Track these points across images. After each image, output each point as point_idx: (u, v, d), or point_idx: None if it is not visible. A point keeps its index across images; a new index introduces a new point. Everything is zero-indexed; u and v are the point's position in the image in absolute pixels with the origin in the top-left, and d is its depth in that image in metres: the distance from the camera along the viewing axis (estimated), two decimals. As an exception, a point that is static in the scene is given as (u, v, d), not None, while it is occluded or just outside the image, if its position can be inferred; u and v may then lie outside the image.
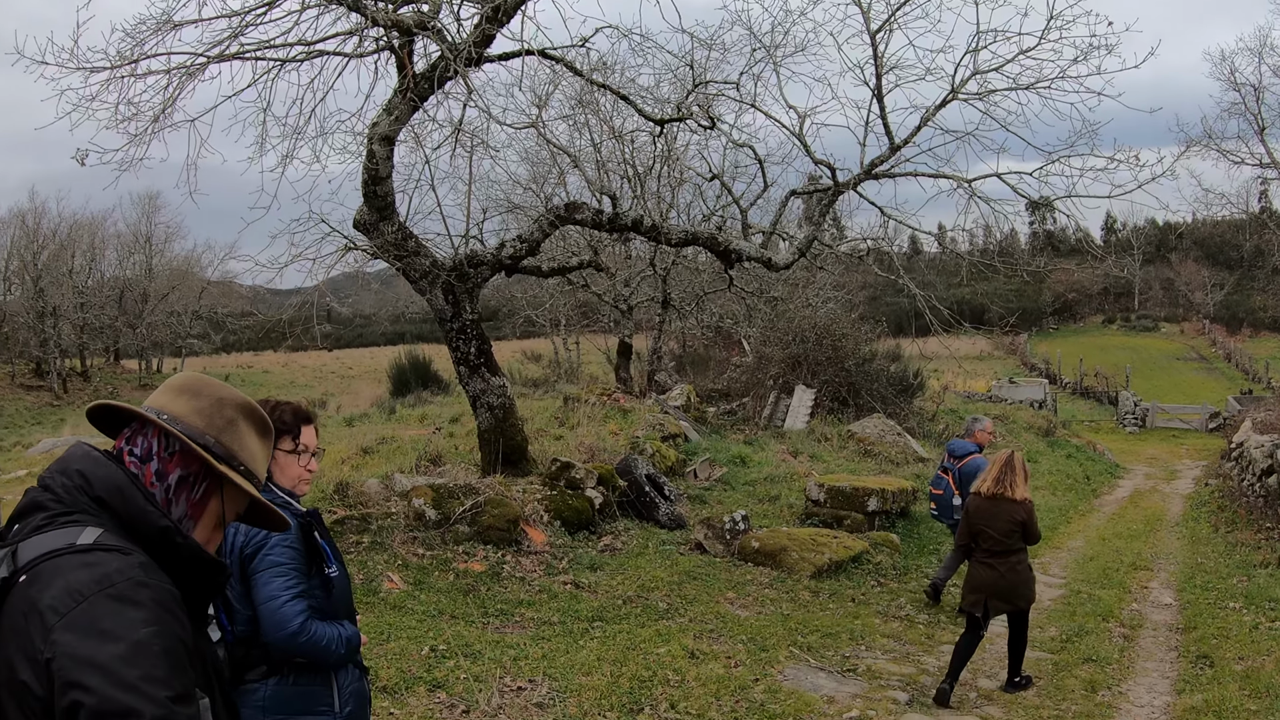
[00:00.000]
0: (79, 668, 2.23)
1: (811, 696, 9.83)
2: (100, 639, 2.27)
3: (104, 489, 2.60)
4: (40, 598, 2.34)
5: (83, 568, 2.39)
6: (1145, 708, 10.37)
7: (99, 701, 2.20)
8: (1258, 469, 22.28)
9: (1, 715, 2.30)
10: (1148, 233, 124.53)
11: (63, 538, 2.47)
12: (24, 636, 2.31)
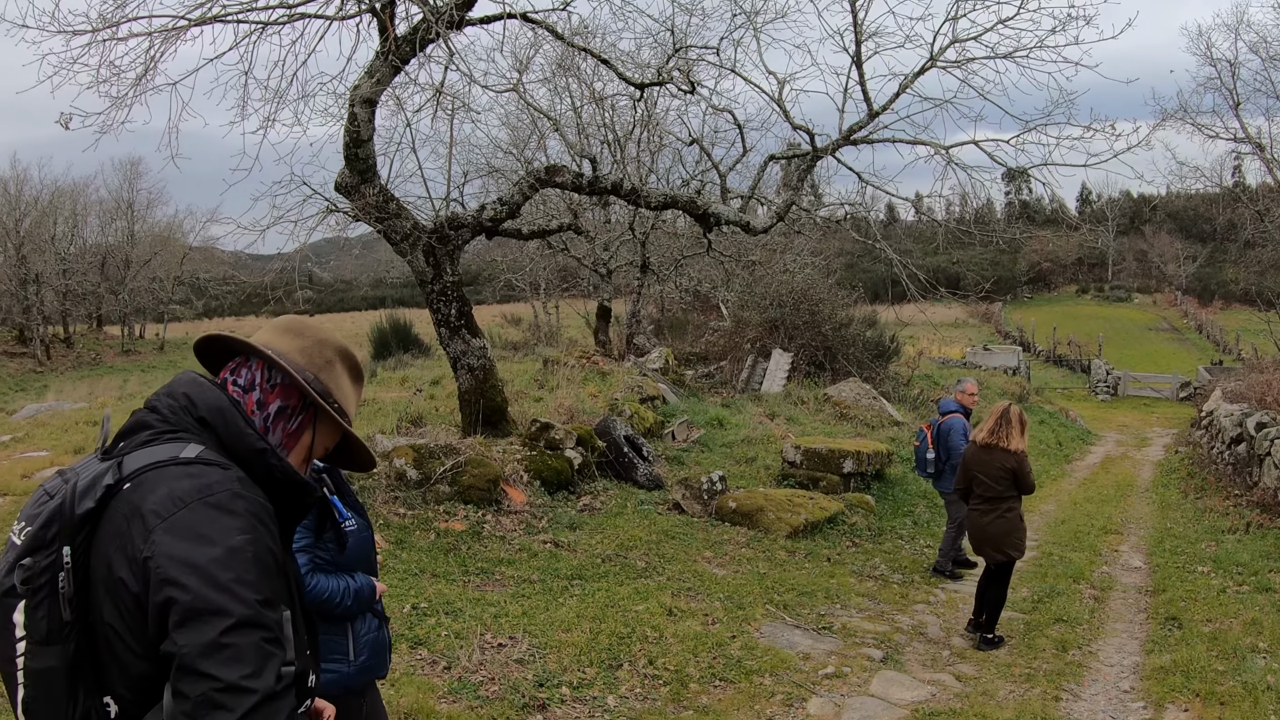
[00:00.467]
0: (176, 567, 2.41)
1: (787, 653, 9.88)
2: (197, 542, 2.46)
3: (207, 410, 2.81)
4: (143, 502, 2.52)
5: (185, 477, 2.58)
6: (1115, 667, 10.45)
7: (193, 599, 2.38)
8: (1227, 437, 22.41)
9: (98, 610, 2.52)
10: (1122, 205, 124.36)
11: (167, 451, 2.67)
12: (124, 537, 2.50)
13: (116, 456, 2.71)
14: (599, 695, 8.29)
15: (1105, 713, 8.97)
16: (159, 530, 2.47)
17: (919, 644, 10.96)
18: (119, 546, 2.51)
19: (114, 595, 2.50)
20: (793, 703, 8.71)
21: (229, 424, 2.80)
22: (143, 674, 2.52)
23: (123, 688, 2.55)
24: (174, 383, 2.91)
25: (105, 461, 2.70)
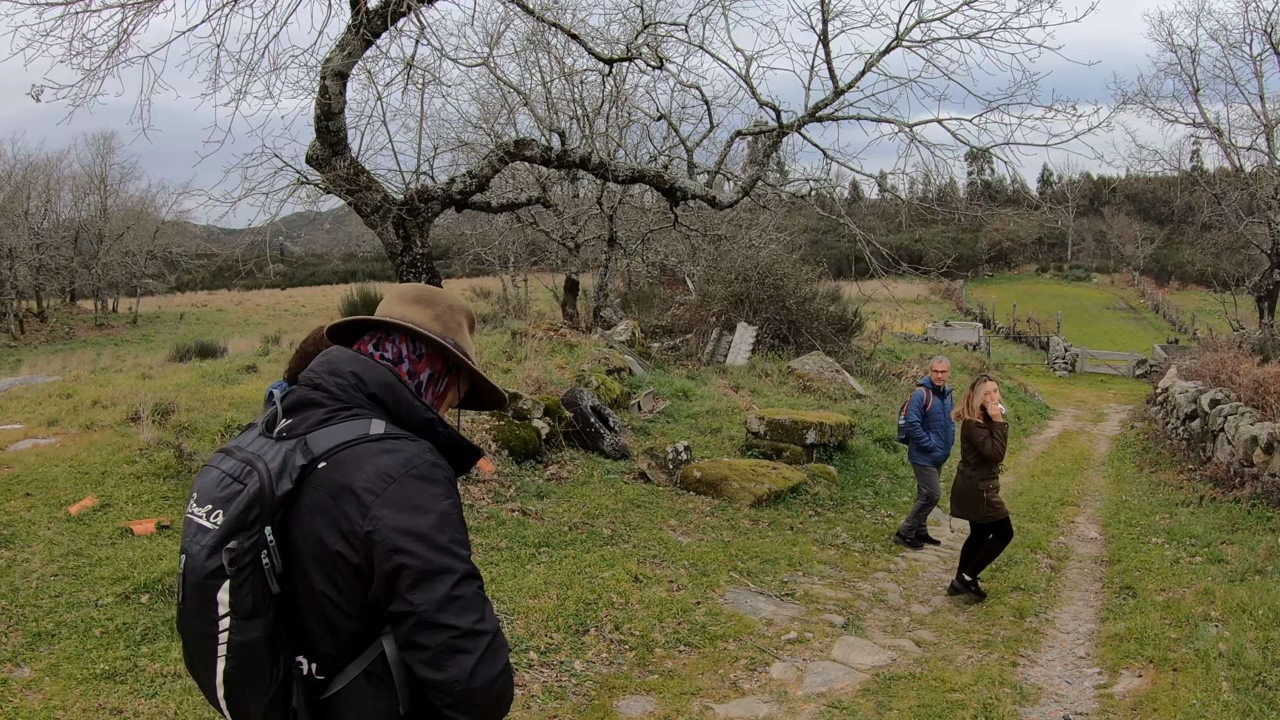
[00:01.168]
0: (400, 537, 2.68)
1: (751, 619, 9.91)
2: (414, 512, 2.72)
3: (377, 386, 2.99)
4: (351, 480, 2.75)
5: (385, 454, 2.80)
6: (1071, 634, 10.53)
7: (421, 563, 2.67)
8: (1181, 413, 22.60)
9: (304, 581, 2.79)
10: (1082, 186, 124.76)
11: (354, 429, 2.86)
12: (334, 514, 2.74)
13: (297, 435, 2.88)
14: (566, 660, 8.31)
15: (1061, 678, 9.03)
16: (376, 505, 2.71)
17: (880, 610, 11.01)
18: (329, 522, 2.74)
19: (327, 567, 2.76)
20: (756, 667, 8.74)
21: (399, 398, 3.01)
22: (354, 633, 2.82)
23: (329, 647, 2.84)
24: (333, 361, 3.06)
25: (283, 441, 2.87)
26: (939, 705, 7.93)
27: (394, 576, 2.68)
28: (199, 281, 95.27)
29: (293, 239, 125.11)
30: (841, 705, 7.93)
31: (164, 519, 10.30)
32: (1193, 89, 44.78)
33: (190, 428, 13.41)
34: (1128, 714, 7.77)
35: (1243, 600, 10.04)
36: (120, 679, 6.94)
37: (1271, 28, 42.48)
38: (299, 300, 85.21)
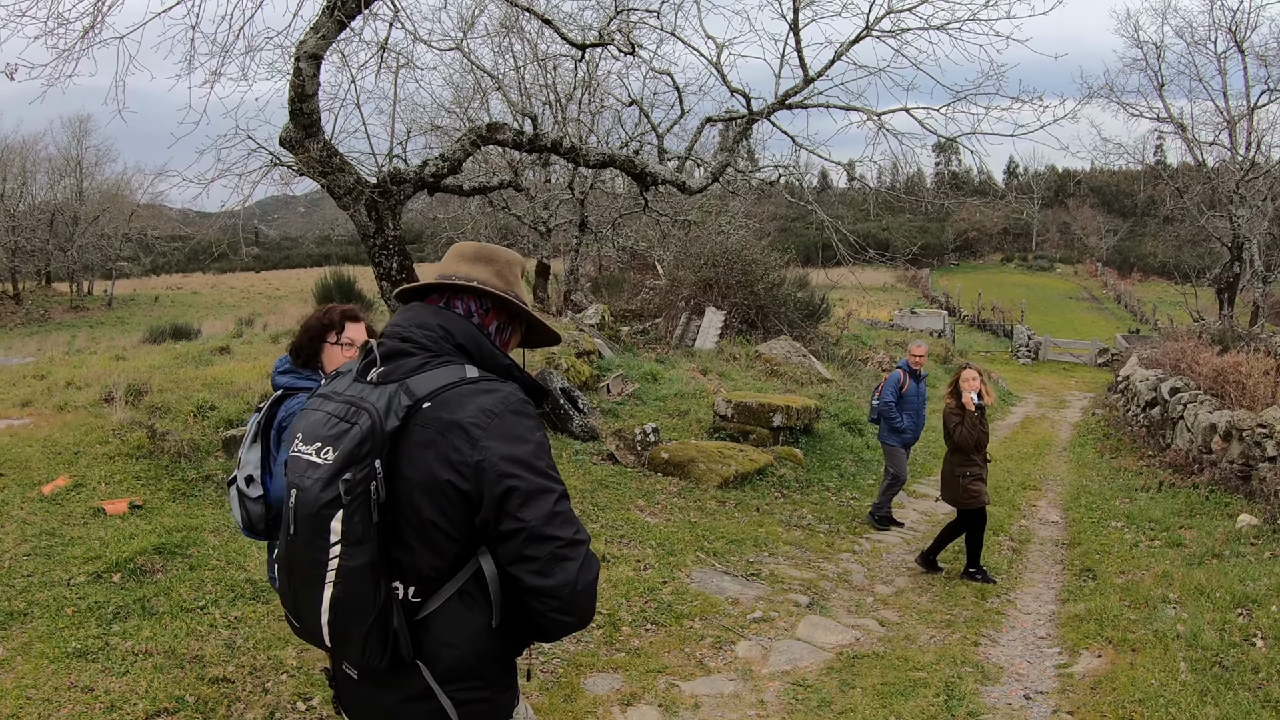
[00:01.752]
0: (507, 464, 3.02)
1: (717, 598, 9.89)
2: (516, 442, 3.08)
3: (464, 338, 3.32)
4: (458, 417, 3.07)
5: (484, 393, 3.15)
6: (1032, 615, 10.54)
7: (528, 485, 3.02)
8: (1142, 401, 22.73)
9: (411, 509, 3.07)
10: (1048, 178, 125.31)
11: (452, 374, 3.19)
12: (443, 447, 3.05)
13: (392, 381, 3.19)
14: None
15: (1022, 657, 9.03)
16: (484, 438, 3.04)
17: (844, 590, 11.01)
18: (438, 455, 3.05)
19: (436, 495, 3.06)
20: (722, 645, 8.72)
21: (481, 347, 3.34)
22: (455, 555, 3.13)
23: (430, 569, 3.12)
24: (418, 315, 3.37)
25: (382, 385, 3.19)
26: (902, 683, 7.92)
27: (504, 498, 3.01)
28: (174, 264, 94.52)
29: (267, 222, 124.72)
30: (806, 683, 7.92)
31: (136, 498, 10.26)
32: (1158, 84, 45.05)
33: (163, 408, 13.33)
34: (1087, 693, 7.77)
35: (1200, 583, 10.07)
36: (92, 657, 6.90)
37: (1236, 26, 42.77)
38: (273, 283, 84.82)
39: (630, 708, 7.21)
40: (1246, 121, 43.74)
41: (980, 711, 7.48)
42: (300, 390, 5.18)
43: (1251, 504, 13.62)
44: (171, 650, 7.07)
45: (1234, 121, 44.11)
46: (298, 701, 6.67)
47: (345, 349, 5.36)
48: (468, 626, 3.14)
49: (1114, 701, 7.36)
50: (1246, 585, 9.70)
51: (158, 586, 8.16)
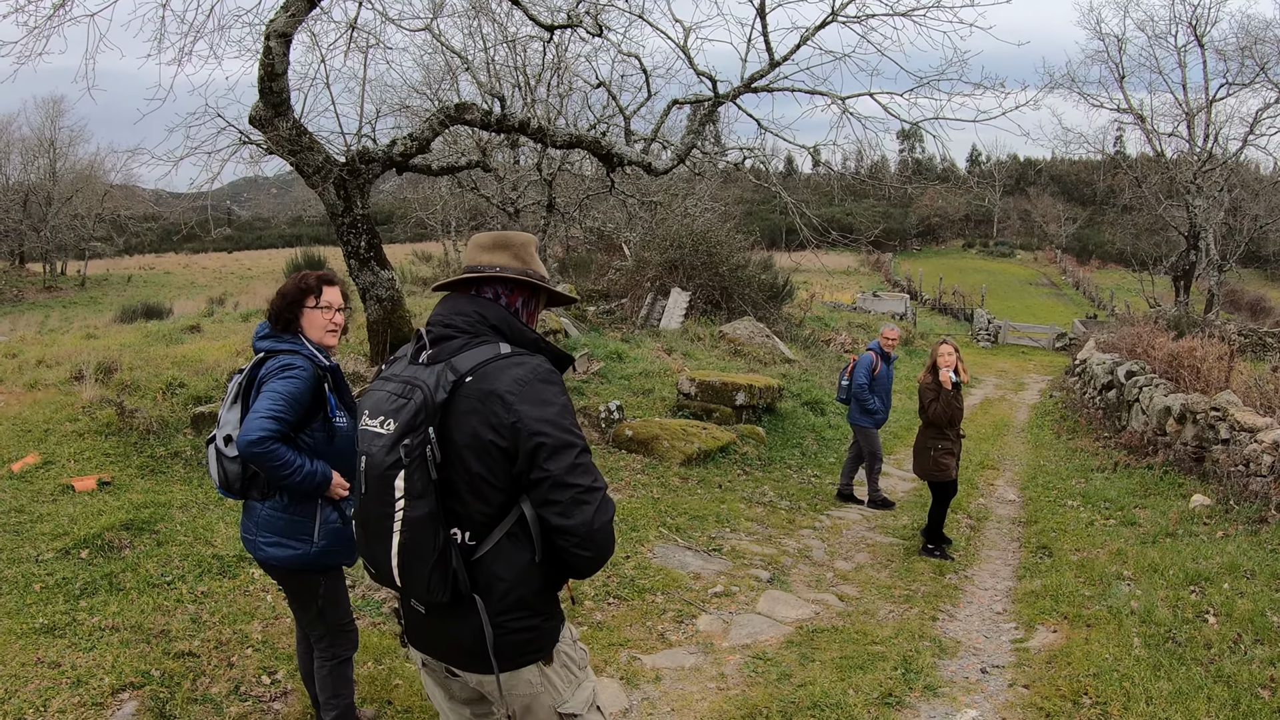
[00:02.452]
0: (537, 423, 3.54)
1: (679, 573, 9.87)
2: (544, 406, 3.60)
3: (496, 320, 3.86)
4: (495, 387, 3.59)
5: (515, 366, 3.67)
6: (989, 591, 10.58)
7: (555, 441, 3.54)
8: (1099, 384, 22.83)
9: (462, 466, 3.59)
10: (1010, 166, 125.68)
11: (488, 352, 3.71)
12: (484, 413, 3.57)
13: (439, 361, 3.72)
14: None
15: (979, 632, 9.05)
16: (518, 404, 3.56)
17: (804, 566, 11.01)
18: (481, 420, 3.57)
19: (481, 453, 3.58)
20: (683, 619, 8.71)
21: (511, 326, 3.89)
22: (500, 503, 3.65)
23: (480, 515, 3.64)
24: (456, 305, 3.91)
25: (432, 365, 3.70)
26: (861, 657, 7.92)
27: (535, 452, 3.53)
28: (147, 244, 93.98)
29: (239, 203, 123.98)
30: (766, 656, 7.91)
31: (105, 475, 10.19)
32: (1119, 76, 45.43)
33: (133, 386, 13.27)
34: (1043, 667, 7.78)
35: (1154, 561, 10.11)
36: (59, 633, 6.85)
37: (1196, 20, 43.16)
38: (245, 264, 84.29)
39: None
40: (1205, 114, 44.22)
41: (937, 684, 7.48)
42: (280, 352, 5.25)
43: (1204, 485, 13.68)
44: (138, 625, 7.01)
45: (1192, 114, 44.50)
46: (262, 675, 6.63)
47: (324, 312, 5.46)
48: (515, 563, 3.68)
49: (1069, 675, 7.37)
50: (1199, 563, 9.75)
51: (125, 562, 8.09)
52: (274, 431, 4.95)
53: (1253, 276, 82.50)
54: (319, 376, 5.26)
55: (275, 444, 4.95)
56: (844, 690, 7.16)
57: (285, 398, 5.06)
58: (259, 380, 5.18)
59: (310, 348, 5.35)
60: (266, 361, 5.23)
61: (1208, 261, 45.19)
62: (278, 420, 4.98)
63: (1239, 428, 13.48)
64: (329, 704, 5.66)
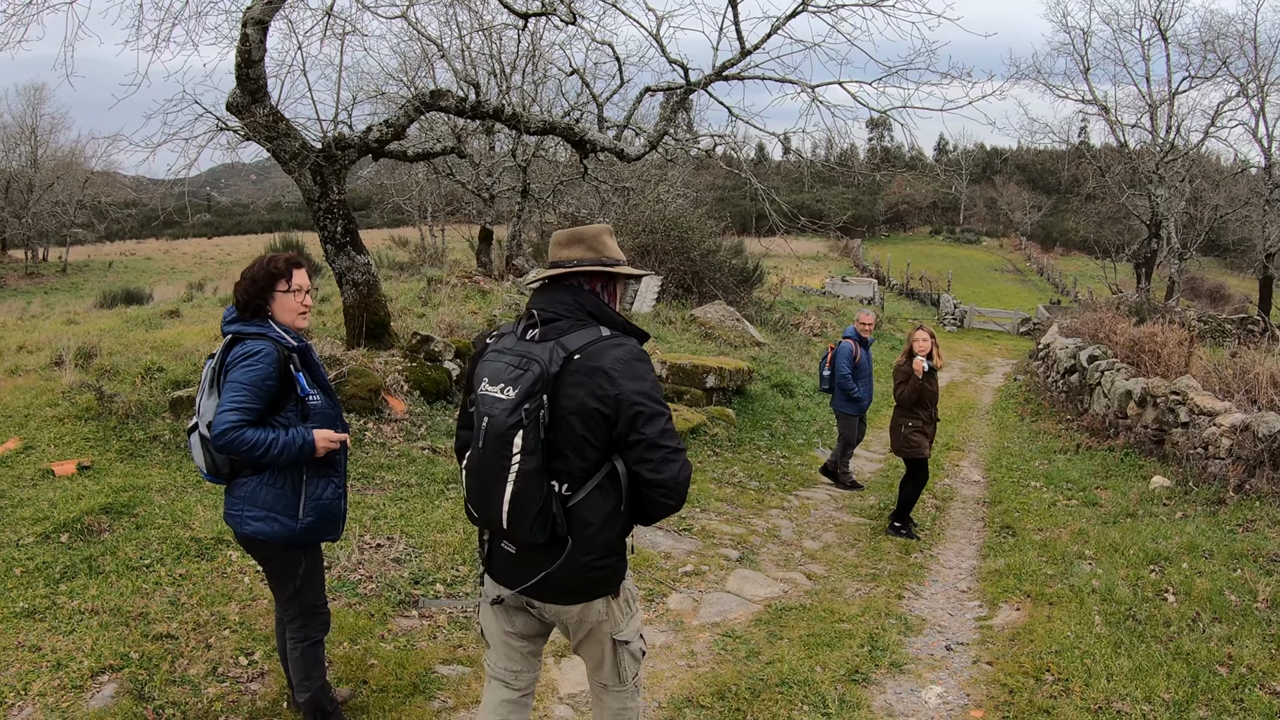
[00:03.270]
0: (636, 395, 4.16)
1: (650, 553, 9.88)
2: (641, 380, 4.22)
3: (592, 307, 4.46)
4: (600, 364, 4.18)
5: (617, 347, 4.28)
6: (954, 569, 10.61)
7: (649, 410, 4.17)
8: (1062, 368, 22.93)
9: (568, 429, 4.18)
10: (976, 155, 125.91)
11: (591, 334, 4.31)
12: (590, 385, 4.16)
13: (549, 340, 4.29)
14: (471, 592, 8.24)
15: (944, 610, 9.08)
16: (620, 379, 4.17)
17: (773, 545, 11.02)
18: (588, 390, 4.16)
19: (586, 418, 4.17)
20: (654, 598, 8.72)
21: (604, 312, 4.48)
22: (596, 459, 4.25)
23: (579, 470, 4.24)
24: (555, 294, 4.48)
25: (543, 343, 4.28)
26: (828, 634, 7.94)
27: (634, 419, 4.15)
28: (128, 230, 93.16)
29: (219, 189, 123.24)
30: (735, 634, 7.93)
31: (84, 460, 10.10)
32: (1083, 68, 45.66)
33: (112, 371, 13.16)
34: (1006, 644, 7.81)
35: (1115, 541, 10.17)
36: (39, 616, 6.79)
37: (1160, 14, 43.45)
38: (225, 249, 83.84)
39: (564, 659, 7.17)
40: (1167, 106, 44.53)
41: (903, 661, 7.51)
42: (248, 336, 5.23)
43: (1164, 466, 13.76)
44: (117, 608, 6.95)
45: (1155, 106, 44.82)
46: (240, 656, 6.59)
47: (295, 295, 5.45)
48: (602, 510, 4.27)
49: (1031, 652, 7.40)
50: (1159, 543, 9.80)
51: (104, 546, 8.03)
52: (236, 422, 4.98)
53: (1212, 265, 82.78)
54: (284, 358, 5.24)
55: (240, 431, 4.98)
56: (811, 667, 7.18)
57: (246, 386, 5.07)
58: (227, 366, 5.18)
59: (277, 330, 5.34)
60: (235, 345, 5.22)
61: (1169, 249, 45.42)
62: (240, 410, 5.01)
63: (1198, 411, 13.54)
64: (302, 685, 5.65)
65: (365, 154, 15.13)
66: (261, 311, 5.34)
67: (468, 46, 24.14)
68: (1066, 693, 6.65)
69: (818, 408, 21.03)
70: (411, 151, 18.03)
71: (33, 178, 73.33)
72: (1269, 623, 7.45)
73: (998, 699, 6.77)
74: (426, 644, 7.17)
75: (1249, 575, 8.48)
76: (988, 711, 6.61)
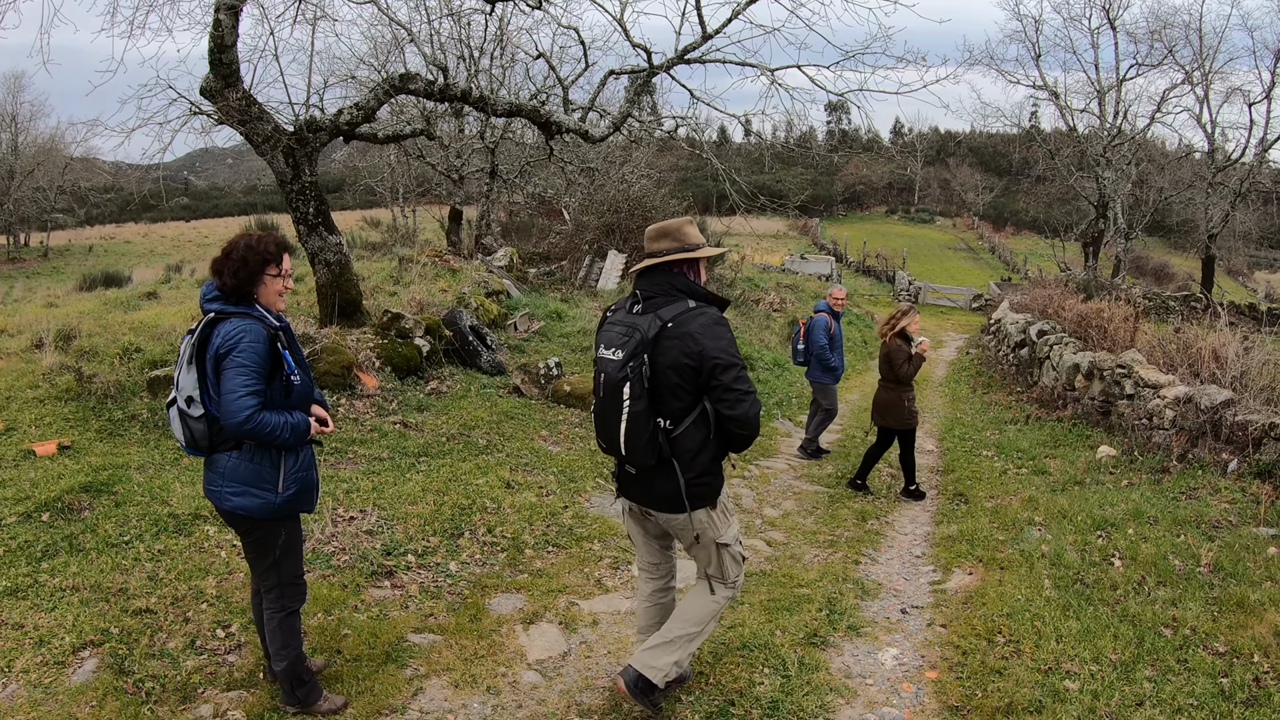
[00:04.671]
0: (714, 351, 5.22)
1: (614, 521, 9.87)
2: (719, 340, 5.28)
3: (680, 285, 5.53)
4: (688, 329, 5.27)
5: (700, 315, 5.35)
6: (909, 535, 10.64)
7: (725, 362, 5.22)
8: (1012, 342, 23.06)
9: (665, 379, 5.28)
10: (930, 138, 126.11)
11: (681, 306, 5.40)
12: (681, 345, 5.24)
13: (649, 312, 5.42)
14: (442, 562, 8.23)
15: (899, 575, 9.10)
16: (703, 339, 5.26)
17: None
18: (680, 349, 5.27)
19: (678, 370, 5.28)
20: (619, 566, 8.72)
21: (690, 287, 5.55)
22: (689, 401, 5.39)
23: (677, 409, 5.38)
24: (654, 278, 5.57)
25: (645, 314, 5.41)
26: (787, 599, 7.95)
27: (714, 370, 5.25)
28: (107, 215, 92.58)
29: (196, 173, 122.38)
30: (697, 600, 7.91)
31: (65, 440, 10.03)
32: (1035, 55, 46.07)
33: (91, 352, 13.07)
34: (959, 607, 7.83)
35: (1063, 507, 10.21)
36: (22, 595, 6.74)
37: (1109, 4, 43.74)
38: (202, 232, 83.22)
39: (532, 626, 7.17)
40: (1115, 92, 45.00)
41: (860, 625, 7.53)
42: (231, 315, 5.18)
43: (1110, 437, 13.84)
44: (97, 584, 6.89)
45: (1104, 92, 45.21)
46: (217, 629, 6.55)
47: (283, 279, 5.48)
48: (697, 439, 5.45)
49: (984, 615, 7.42)
50: (1105, 510, 9.85)
51: (85, 524, 7.96)
52: (255, 405, 5.03)
53: (1157, 244, 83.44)
54: (273, 336, 5.21)
55: (260, 415, 5.04)
56: (771, 631, 7.19)
57: (251, 368, 5.05)
58: (215, 350, 5.10)
59: (260, 309, 5.29)
60: (218, 324, 5.14)
61: (1115, 229, 45.76)
62: (255, 394, 5.04)
63: (1143, 384, 13.63)
64: (279, 654, 5.62)
65: (336, 136, 15.04)
66: (248, 295, 5.29)
67: (437, 31, 24.04)
68: (1018, 654, 6.67)
69: (778, 380, 21.07)
70: (382, 134, 17.93)
71: (14, 165, 72.71)
72: (1211, 586, 7.52)
73: (951, 660, 6.79)
74: (398, 613, 7.14)
75: (1192, 541, 8.56)
76: (942, 672, 6.63)
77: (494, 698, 6.10)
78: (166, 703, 5.70)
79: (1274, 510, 9.26)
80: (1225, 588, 7.45)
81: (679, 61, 17.76)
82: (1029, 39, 46.20)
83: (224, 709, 5.69)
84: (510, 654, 6.70)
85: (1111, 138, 44.52)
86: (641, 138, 27.81)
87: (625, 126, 19.75)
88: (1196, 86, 44.82)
